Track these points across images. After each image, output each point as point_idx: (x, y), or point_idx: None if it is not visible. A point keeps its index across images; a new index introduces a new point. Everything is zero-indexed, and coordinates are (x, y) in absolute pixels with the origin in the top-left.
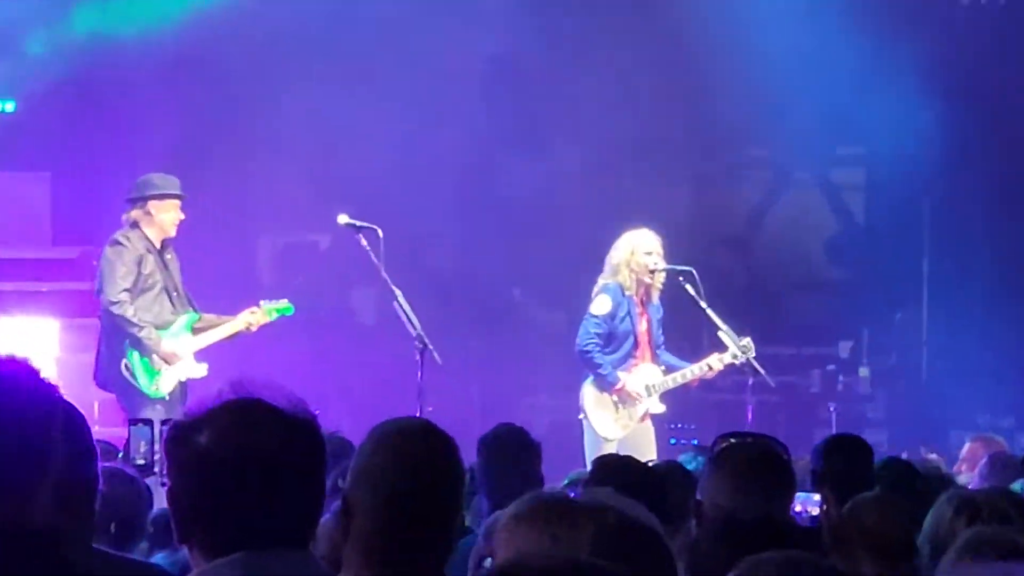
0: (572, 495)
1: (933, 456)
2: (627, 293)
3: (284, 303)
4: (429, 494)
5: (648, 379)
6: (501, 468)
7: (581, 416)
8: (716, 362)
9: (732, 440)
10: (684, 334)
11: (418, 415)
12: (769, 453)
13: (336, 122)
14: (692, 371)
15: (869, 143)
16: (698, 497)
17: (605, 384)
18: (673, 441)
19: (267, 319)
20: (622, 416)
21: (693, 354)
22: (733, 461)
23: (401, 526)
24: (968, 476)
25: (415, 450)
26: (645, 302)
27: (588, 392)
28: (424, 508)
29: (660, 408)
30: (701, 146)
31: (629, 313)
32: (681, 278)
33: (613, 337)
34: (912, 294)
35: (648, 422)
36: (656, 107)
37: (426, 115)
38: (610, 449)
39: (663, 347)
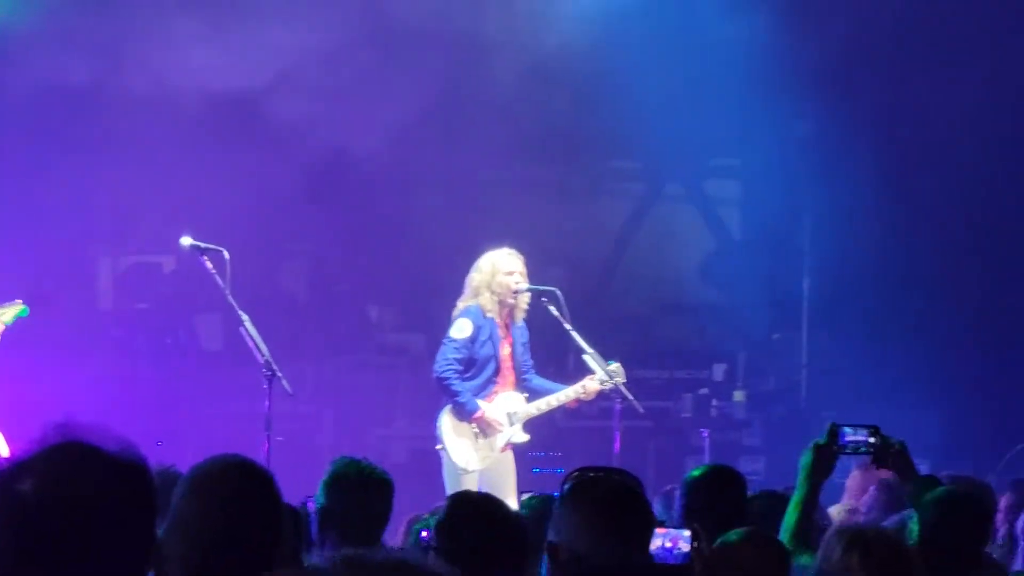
0: (388, 552)
1: None
2: (488, 315)
3: (18, 304)
4: (243, 539)
5: (510, 407)
6: (344, 508)
7: (439, 447)
8: (582, 390)
9: (583, 476)
10: (550, 357)
11: (266, 446)
12: (623, 489)
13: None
14: (557, 398)
15: (744, 154)
16: (550, 538)
17: (464, 413)
18: (536, 471)
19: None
20: (482, 446)
21: (559, 379)
22: (584, 500)
23: (215, 572)
24: (848, 505)
25: (228, 493)
26: (508, 325)
27: (446, 421)
28: (239, 553)
29: (523, 437)
30: (565, 157)
31: (491, 337)
32: (544, 299)
33: (473, 362)
34: (791, 314)
35: (509, 452)
36: (519, 115)
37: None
38: (470, 481)
39: (532, 370)
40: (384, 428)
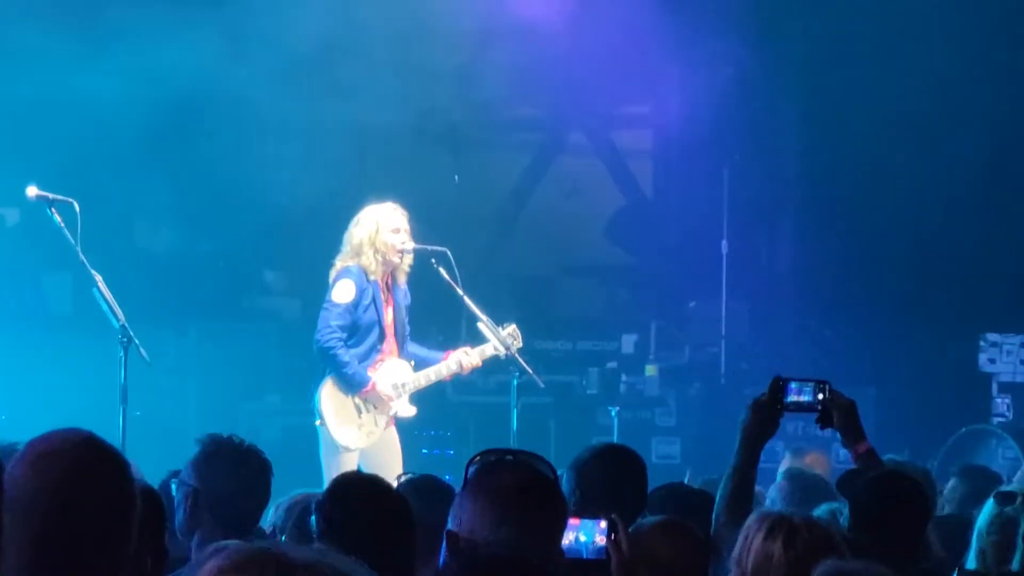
0: (282, 547)
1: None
2: (372, 278)
3: None
4: (86, 524)
5: (396, 377)
6: (221, 490)
7: (318, 422)
8: (475, 357)
9: (488, 459)
10: (439, 326)
11: (121, 421)
12: (534, 476)
13: (30, 83)
14: (448, 367)
15: (656, 101)
16: (450, 527)
17: (351, 385)
18: (425, 451)
19: None
20: (366, 422)
21: (450, 348)
22: (490, 487)
23: (56, 562)
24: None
25: (68, 474)
26: (390, 287)
27: (326, 394)
28: (81, 540)
29: (410, 411)
30: (456, 104)
31: (374, 301)
32: (434, 260)
33: (356, 328)
34: (709, 280)
35: (393, 429)
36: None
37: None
38: (351, 462)
39: (409, 338)
40: (254, 402)
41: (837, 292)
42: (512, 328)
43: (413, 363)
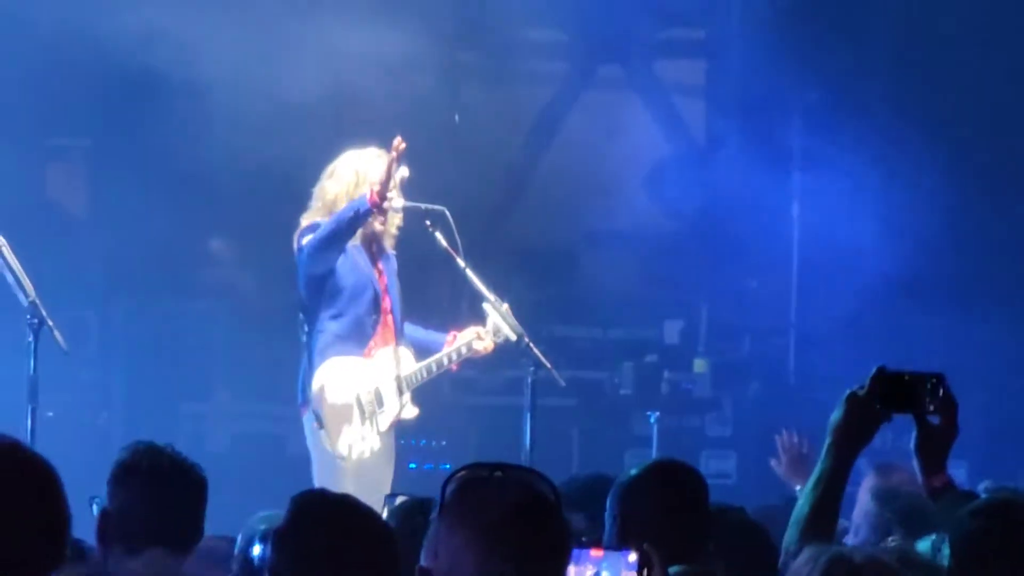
0: None
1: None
2: (351, 243)
3: None
4: (15, 550)
5: (397, 368)
6: (133, 513)
7: (315, 425)
8: (488, 340)
9: (472, 476)
10: (433, 304)
11: (28, 424)
12: (527, 497)
13: None
14: (457, 352)
15: (713, 23)
16: (423, 563)
17: (350, 217)
18: (414, 465)
19: None
20: (368, 430)
21: (453, 329)
22: (471, 510)
23: None
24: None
25: None
26: (376, 255)
27: (326, 386)
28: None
29: (413, 412)
30: (460, 25)
31: (355, 267)
32: (428, 222)
33: (337, 292)
34: (775, 252)
35: (391, 432)
36: None
37: None
38: (349, 476)
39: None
40: (198, 402)
41: (938, 271)
42: (505, 308)
43: (412, 351)
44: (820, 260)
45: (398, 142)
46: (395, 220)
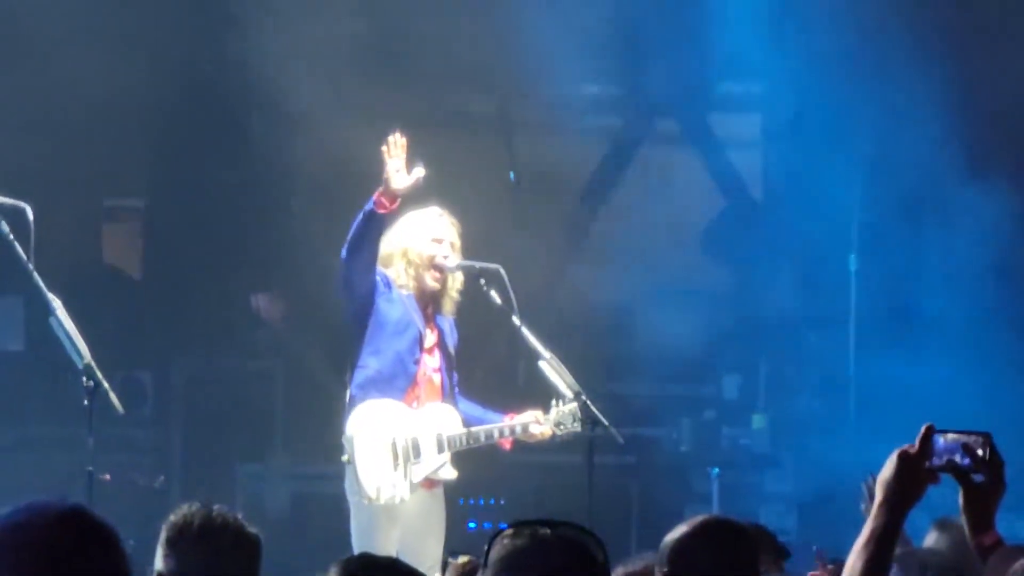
0: None
1: None
2: (404, 292)
3: None
4: None
5: (441, 425)
6: (206, 571)
7: (344, 458)
8: (547, 427)
9: (517, 535)
10: (489, 365)
11: (87, 488)
12: (574, 555)
13: None
14: (509, 428)
15: (769, 75)
16: None
17: (366, 222)
18: (473, 525)
19: None
20: (400, 473)
21: (505, 398)
22: (516, 569)
23: None
24: None
25: (57, 557)
26: (432, 315)
27: (360, 422)
28: None
29: (451, 474)
30: (510, 80)
31: (405, 308)
32: (483, 281)
33: (382, 323)
34: (834, 304)
35: (439, 492)
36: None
37: None
38: (386, 527)
39: (457, 389)
40: (255, 463)
41: (1006, 329)
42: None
43: (462, 419)
44: (879, 312)
45: (395, 137)
46: (454, 283)
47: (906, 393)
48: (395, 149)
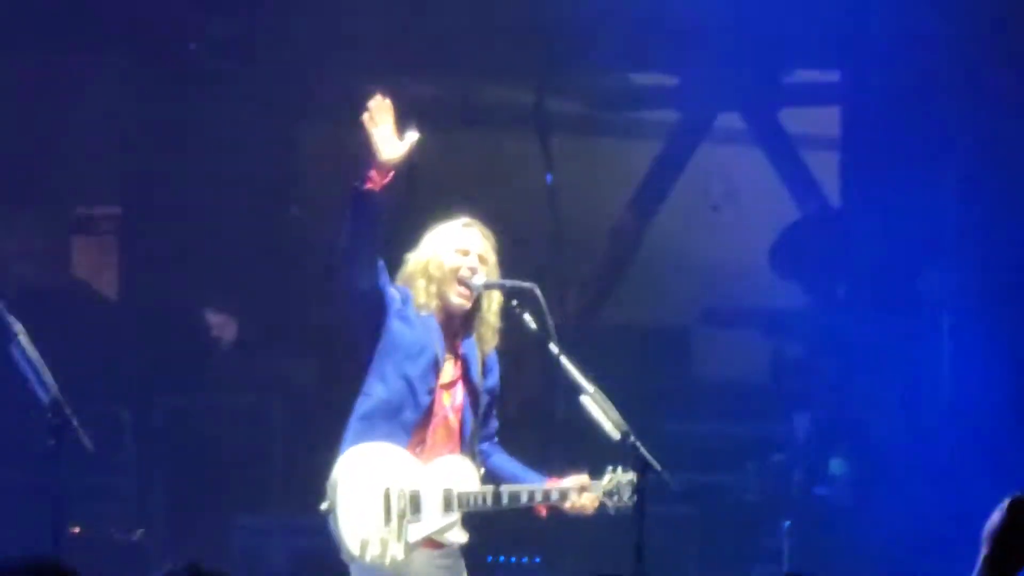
0: None
1: None
2: (423, 312)
3: None
4: None
5: (451, 479)
6: None
7: (324, 506)
8: (593, 496)
9: None
10: (522, 400)
11: (51, 541)
12: None
13: None
14: (542, 492)
15: (851, 62)
16: None
17: (356, 207)
18: None
19: None
20: (393, 530)
21: (539, 447)
22: None
23: None
24: None
25: None
26: (457, 341)
27: (349, 465)
28: None
29: (460, 538)
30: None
31: (425, 328)
32: (515, 302)
33: (396, 343)
34: (924, 330)
35: (455, 551)
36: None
37: None
38: None
39: (495, 438)
40: (250, 515)
41: None
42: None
43: (482, 472)
44: (981, 336)
45: (378, 100)
46: (490, 304)
47: (1012, 429)
48: (380, 114)
